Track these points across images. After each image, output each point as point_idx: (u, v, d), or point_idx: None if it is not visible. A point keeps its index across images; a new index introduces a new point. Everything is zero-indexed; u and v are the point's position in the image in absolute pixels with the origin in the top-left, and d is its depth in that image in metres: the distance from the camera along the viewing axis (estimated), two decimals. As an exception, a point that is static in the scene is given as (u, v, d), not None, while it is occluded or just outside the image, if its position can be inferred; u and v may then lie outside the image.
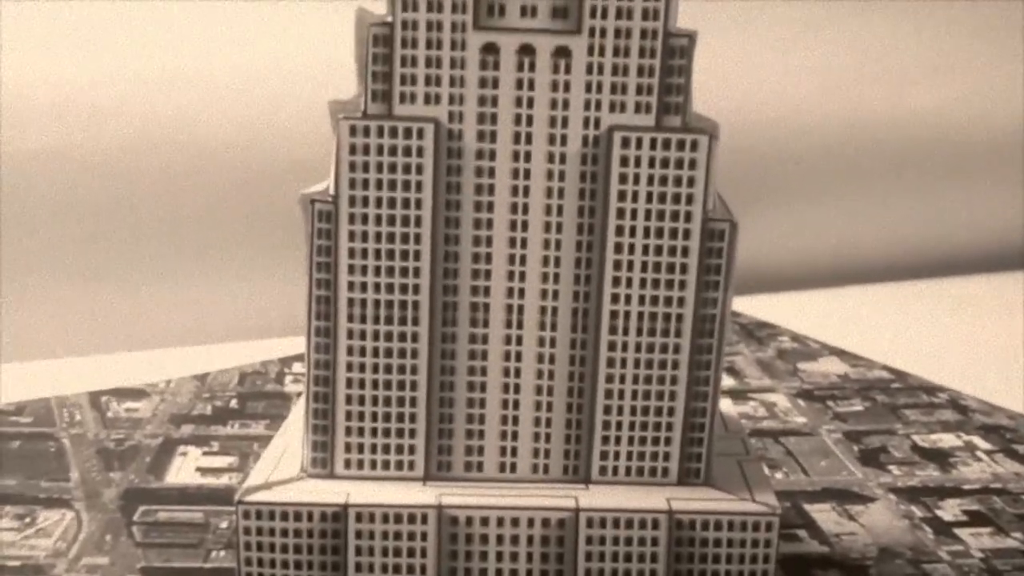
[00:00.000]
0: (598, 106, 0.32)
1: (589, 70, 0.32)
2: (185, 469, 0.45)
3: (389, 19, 0.32)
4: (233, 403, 0.53)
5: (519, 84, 0.32)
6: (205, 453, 0.47)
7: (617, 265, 0.33)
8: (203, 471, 0.45)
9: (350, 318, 0.33)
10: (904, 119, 0.81)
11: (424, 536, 0.33)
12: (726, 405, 0.52)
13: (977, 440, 0.51)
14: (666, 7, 0.31)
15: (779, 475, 0.46)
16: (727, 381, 0.58)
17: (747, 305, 0.71)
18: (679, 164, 0.32)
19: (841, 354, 0.63)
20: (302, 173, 0.64)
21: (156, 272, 0.65)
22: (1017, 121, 0.83)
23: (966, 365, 0.63)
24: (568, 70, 0.32)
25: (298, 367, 0.58)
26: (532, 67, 0.32)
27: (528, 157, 0.33)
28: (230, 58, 0.67)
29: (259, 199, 0.66)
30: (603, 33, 0.32)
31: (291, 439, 0.37)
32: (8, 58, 0.63)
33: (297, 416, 0.39)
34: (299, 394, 0.53)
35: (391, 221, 0.33)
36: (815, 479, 0.46)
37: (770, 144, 0.77)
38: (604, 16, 0.32)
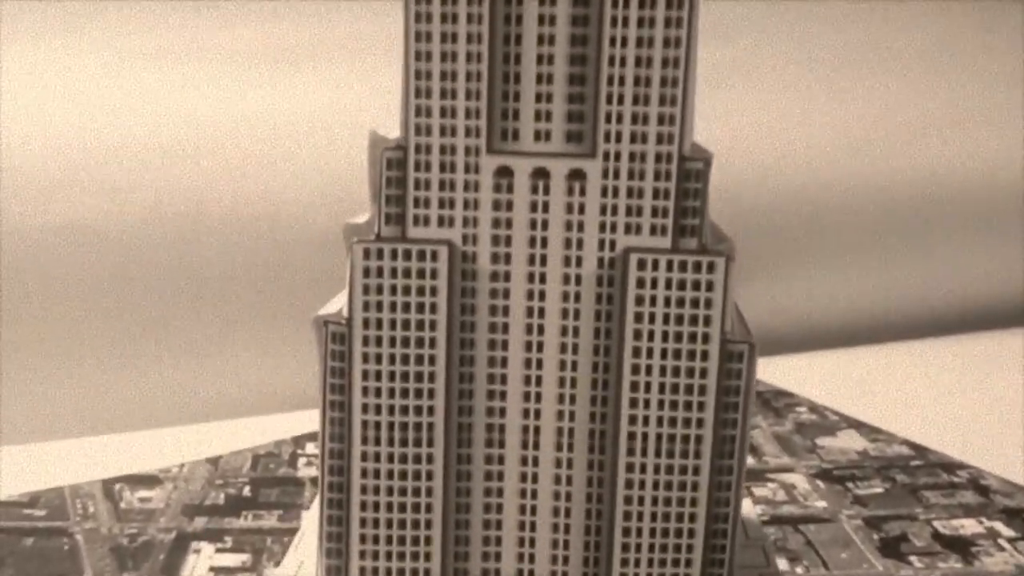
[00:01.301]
0: (613, 228, 0.32)
1: (604, 193, 0.32)
2: (199, 569, 0.45)
3: (402, 143, 0.32)
4: (246, 491, 0.52)
5: (533, 207, 0.32)
6: (219, 550, 0.47)
7: (634, 386, 0.32)
8: (216, 571, 0.45)
9: (364, 440, 0.33)
10: (916, 176, 0.81)
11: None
12: (745, 505, 0.51)
13: (999, 526, 0.50)
14: (680, 132, 0.31)
15: (799, 569, 0.46)
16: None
17: (764, 368, 0.71)
18: (696, 286, 0.32)
19: (859, 427, 0.62)
20: (314, 245, 0.65)
21: (167, 347, 0.65)
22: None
23: (984, 432, 0.62)
24: (583, 193, 0.32)
25: (311, 447, 0.58)
26: (547, 190, 0.32)
27: (543, 279, 0.32)
28: (241, 129, 0.67)
29: (269, 271, 0.66)
30: (617, 157, 0.31)
31: (304, 553, 0.37)
32: (12, 130, 0.63)
33: (311, 526, 0.38)
34: (313, 485, 0.52)
35: (405, 343, 0.33)
36: (836, 573, 0.46)
37: (781, 202, 0.77)
38: (618, 140, 0.31)
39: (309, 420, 0.43)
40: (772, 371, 0.73)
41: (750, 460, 0.57)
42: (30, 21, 0.67)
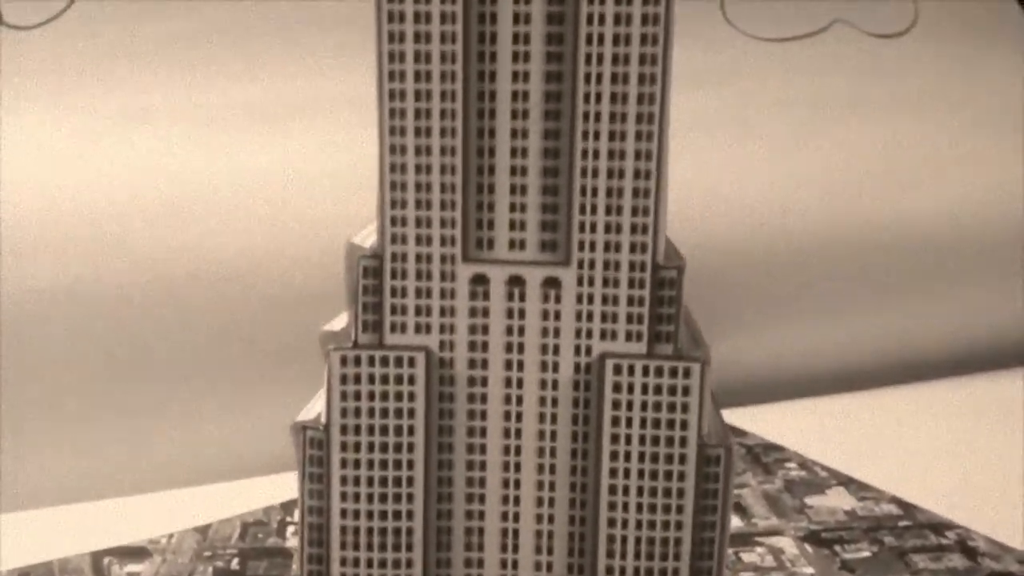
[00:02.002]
0: (589, 334, 0.32)
1: (579, 300, 0.32)
2: (186, 651, 0.45)
3: (378, 252, 0.32)
4: (235, 563, 0.52)
5: (510, 314, 0.32)
6: (206, 630, 0.47)
7: (612, 490, 0.33)
8: (204, 653, 0.45)
9: (343, 545, 0.33)
10: (903, 220, 0.81)
11: None
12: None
13: (987, 593, 0.50)
14: (653, 241, 0.31)
15: (786, 644, 0.46)
16: (734, 522, 0.57)
17: (755, 419, 0.71)
18: (672, 391, 0.32)
19: (848, 483, 0.62)
20: (303, 306, 0.65)
21: (154, 410, 0.65)
22: (1011, 218, 0.82)
23: (973, 487, 0.62)
24: (558, 300, 0.32)
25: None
26: (522, 297, 0.32)
27: (520, 384, 0.33)
28: (232, 188, 0.67)
29: (257, 330, 0.66)
30: (592, 265, 0.32)
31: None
32: (3, 192, 0.64)
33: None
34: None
35: (384, 448, 0.33)
36: (822, 648, 0.46)
37: (769, 248, 0.77)
38: (592, 249, 0.31)
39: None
40: (764, 421, 0.73)
41: (739, 522, 0.57)
42: (20, 83, 0.67)
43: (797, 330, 0.77)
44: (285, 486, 0.63)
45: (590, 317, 0.32)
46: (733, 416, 0.70)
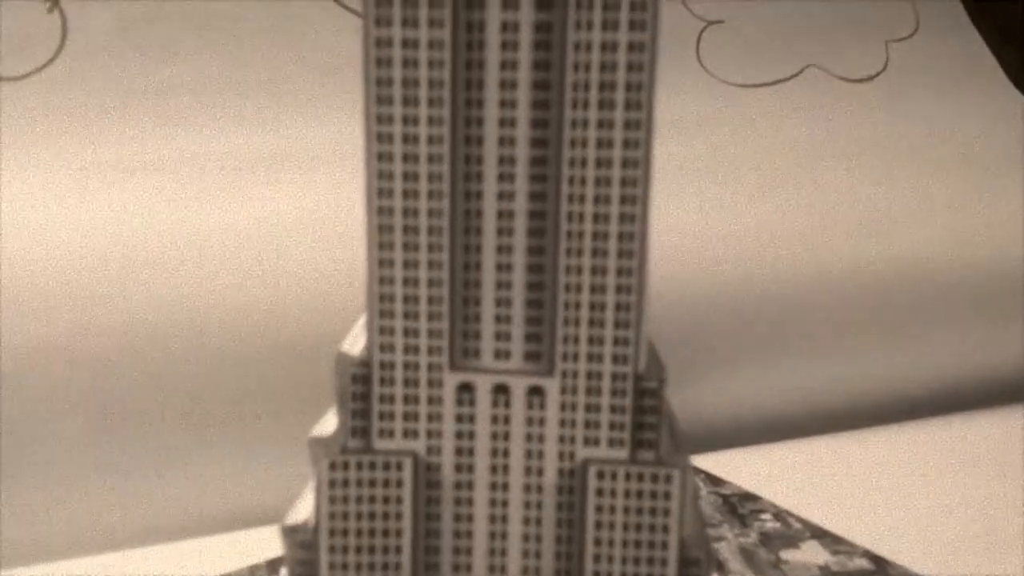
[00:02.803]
0: (572, 441, 0.33)
1: (563, 408, 0.33)
2: None
3: (367, 360, 0.33)
4: (219, 627, 0.53)
5: (495, 420, 0.33)
6: None
7: (595, 591, 0.33)
8: None
9: (333, 645, 0.34)
10: (878, 262, 0.82)
11: None
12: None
13: (958, 657, 0.51)
14: (635, 353, 0.32)
15: None
16: (710, 579, 0.58)
17: (733, 464, 0.72)
18: (653, 496, 0.33)
19: (822, 536, 0.63)
20: (294, 356, 0.65)
21: (140, 464, 0.65)
22: (983, 259, 0.84)
23: (944, 534, 0.63)
24: (543, 407, 0.33)
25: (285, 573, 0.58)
26: (507, 404, 0.33)
27: (506, 488, 0.33)
28: (222, 239, 0.68)
29: (246, 383, 0.66)
30: (575, 375, 0.32)
31: None
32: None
33: None
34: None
35: (371, 551, 0.34)
36: None
37: (740, 293, 0.78)
38: (575, 360, 0.32)
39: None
40: (742, 466, 0.74)
41: (715, 578, 0.58)
42: (8, 133, 0.67)
43: (776, 372, 0.78)
44: (272, 541, 0.64)
45: (573, 424, 0.33)
46: (711, 462, 0.72)
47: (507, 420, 0.33)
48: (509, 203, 0.31)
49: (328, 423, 0.34)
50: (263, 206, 0.69)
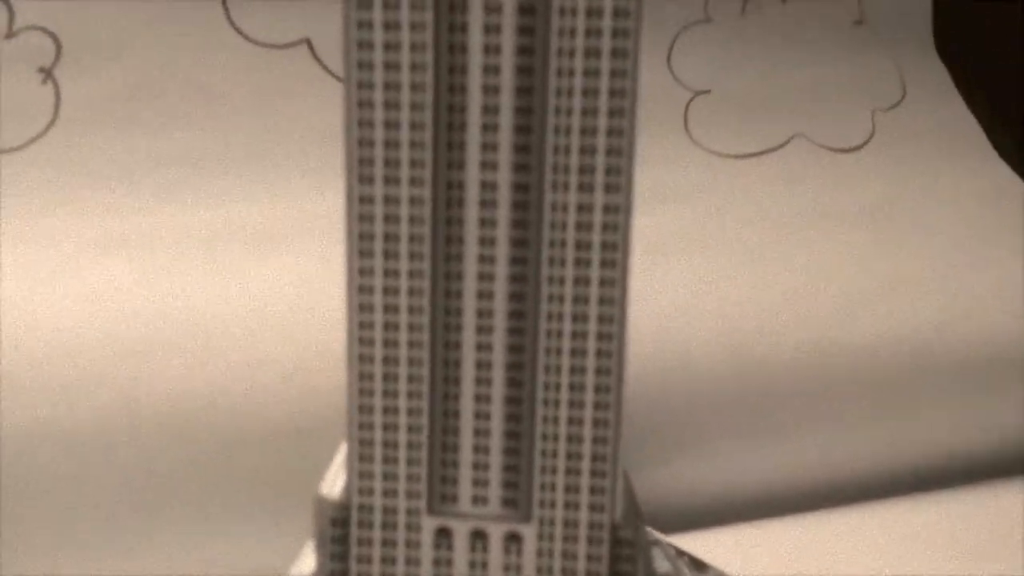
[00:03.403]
0: (550, 585, 0.33)
1: (540, 554, 0.33)
2: None
3: (346, 503, 0.33)
4: None
5: (472, 565, 0.33)
6: None
7: None
8: None
9: None
10: (863, 336, 0.82)
11: None
12: None
13: None
14: (611, 503, 0.32)
15: None
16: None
17: (716, 544, 0.72)
18: (629, 642, 0.33)
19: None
20: (286, 442, 0.65)
21: (134, 549, 0.65)
22: (974, 332, 0.84)
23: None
24: (519, 553, 0.33)
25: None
26: (485, 550, 0.33)
27: (482, 631, 0.34)
28: (213, 317, 0.68)
29: (238, 466, 0.66)
30: (552, 523, 0.33)
31: None
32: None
33: None
34: None
35: None
36: None
37: (726, 367, 0.78)
38: (552, 507, 0.33)
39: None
40: (726, 547, 0.74)
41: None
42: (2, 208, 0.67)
43: (764, 449, 0.78)
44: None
45: (550, 571, 0.33)
46: (694, 542, 0.72)
47: (484, 566, 0.33)
48: (488, 354, 0.32)
49: (305, 563, 0.34)
50: (254, 282, 0.69)
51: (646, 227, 0.35)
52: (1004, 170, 0.93)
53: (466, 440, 0.32)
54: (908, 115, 0.94)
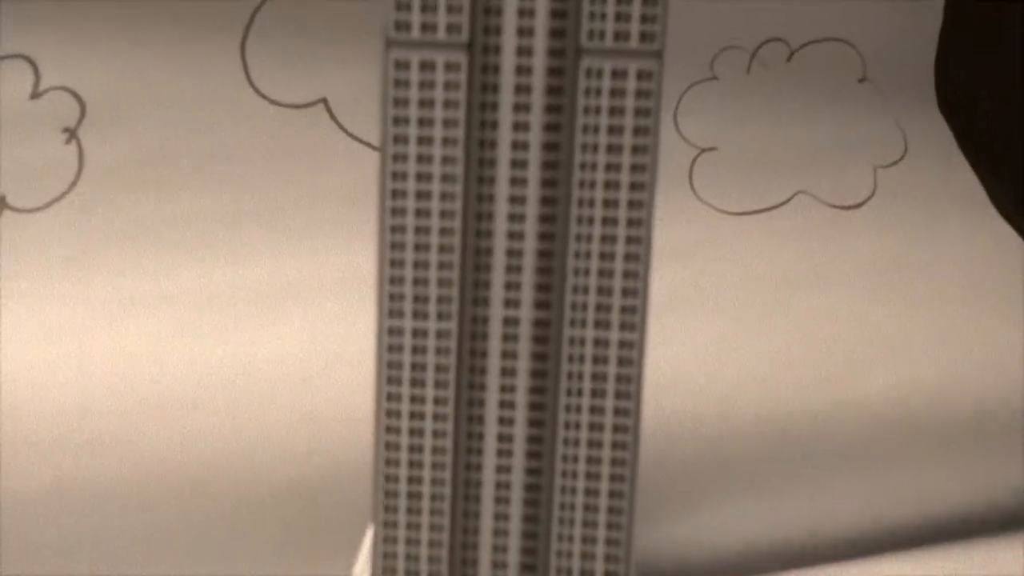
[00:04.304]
0: None
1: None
2: None
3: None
4: None
5: (490, 656, 0.35)
6: None
7: None
8: None
9: None
10: (867, 395, 0.84)
11: None
12: None
13: None
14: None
15: None
16: None
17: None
18: None
19: None
20: (303, 502, 0.66)
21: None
22: (977, 391, 0.86)
23: None
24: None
25: None
26: (502, 641, 0.35)
27: None
28: (225, 378, 0.69)
29: (251, 528, 0.68)
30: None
31: None
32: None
33: None
34: None
35: None
36: None
37: (732, 427, 0.80)
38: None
39: None
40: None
41: None
42: (18, 267, 0.69)
43: (761, 507, 0.80)
44: None
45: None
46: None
47: (502, 654, 0.35)
48: (507, 475, 0.34)
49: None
50: (269, 342, 0.70)
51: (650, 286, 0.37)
52: (1004, 228, 0.94)
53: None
54: (909, 171, 0.95)
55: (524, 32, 0.30)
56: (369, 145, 0.76)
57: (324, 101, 0.76)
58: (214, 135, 0.76)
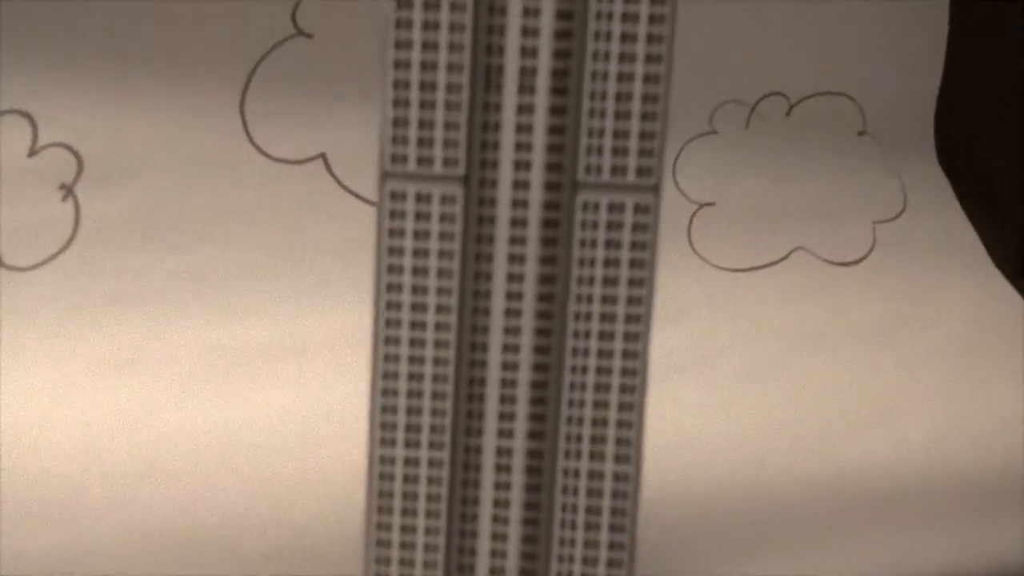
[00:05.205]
0: None
1: None
2: None
3: None
4: None
5: None
6: None
7: None
8: None
9: None
10: (871, 455, 0.83)
11: None
12: None
13: None
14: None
15: None
16: None
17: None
18: None
19: None
20: (297, 557, 0.66)
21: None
22: (977, 453, 0.85)
23: None
24: None
25: None
26: None
27: None
28: (221, 439, 0.69)
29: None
30: None
31: None
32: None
33: None
34: None
35: None
36: None
37: (733, 489, 0.80)
38: None
39: None
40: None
41: None
42: (12, 328, 0.69)
43: (762, 570, 0.79)
44: None
45: None
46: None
47: None
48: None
49: None
50: (264, 402, 0.70)
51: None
52: (1004, 284, 0.94)
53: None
54: (908, 226, 0.95)
55: (521, 166, 0.29)
56: (367, 201, 0.76)
57: (323, 156, 0.76)
58: (213, 191, 0.76)
